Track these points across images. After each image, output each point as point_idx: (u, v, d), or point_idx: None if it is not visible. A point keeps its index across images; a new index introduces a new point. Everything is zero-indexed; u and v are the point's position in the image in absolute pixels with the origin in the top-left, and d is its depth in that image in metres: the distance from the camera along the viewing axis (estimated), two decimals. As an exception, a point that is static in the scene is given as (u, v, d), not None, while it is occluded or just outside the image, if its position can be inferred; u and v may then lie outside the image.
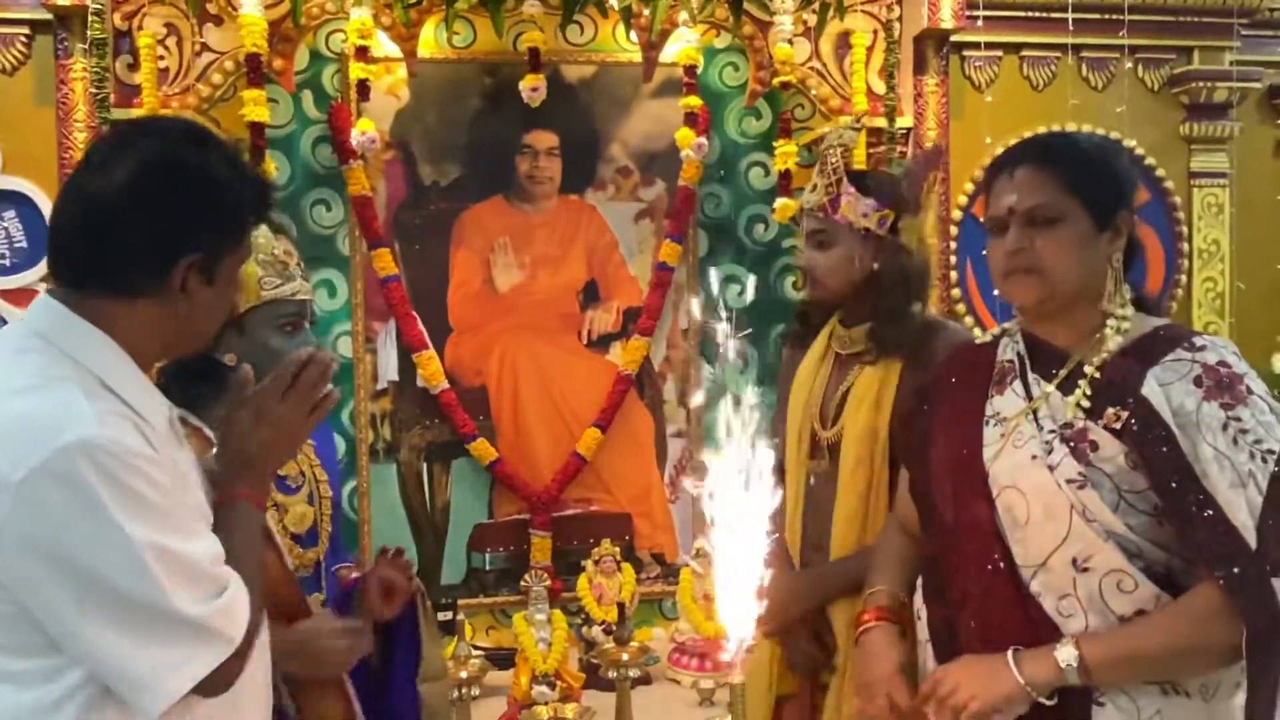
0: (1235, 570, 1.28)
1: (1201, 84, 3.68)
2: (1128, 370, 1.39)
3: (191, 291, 1.17)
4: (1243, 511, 1.28)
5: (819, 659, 1.98)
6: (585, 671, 3.23)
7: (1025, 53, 3.67)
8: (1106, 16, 3.60)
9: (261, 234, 1.84)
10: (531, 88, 3.30)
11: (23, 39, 3.11)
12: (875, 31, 3.53)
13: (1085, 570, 1.38)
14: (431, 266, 3.63)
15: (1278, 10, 3.77)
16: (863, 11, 3.50)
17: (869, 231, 1.96)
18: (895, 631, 1.58)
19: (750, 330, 3.74)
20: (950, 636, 1.51)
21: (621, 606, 2.98)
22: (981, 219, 1.61)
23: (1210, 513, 1.30)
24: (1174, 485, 1.32)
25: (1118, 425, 1.38)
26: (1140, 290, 1.51)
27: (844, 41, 3.54)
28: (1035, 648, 1.40)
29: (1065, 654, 1.36)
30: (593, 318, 3.75)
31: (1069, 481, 1.38)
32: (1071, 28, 3.50)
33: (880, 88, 3.50)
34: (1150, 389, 1.36)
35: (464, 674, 2.72)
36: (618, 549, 3.47)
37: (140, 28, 3.12)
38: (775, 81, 3.42)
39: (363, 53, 3.12)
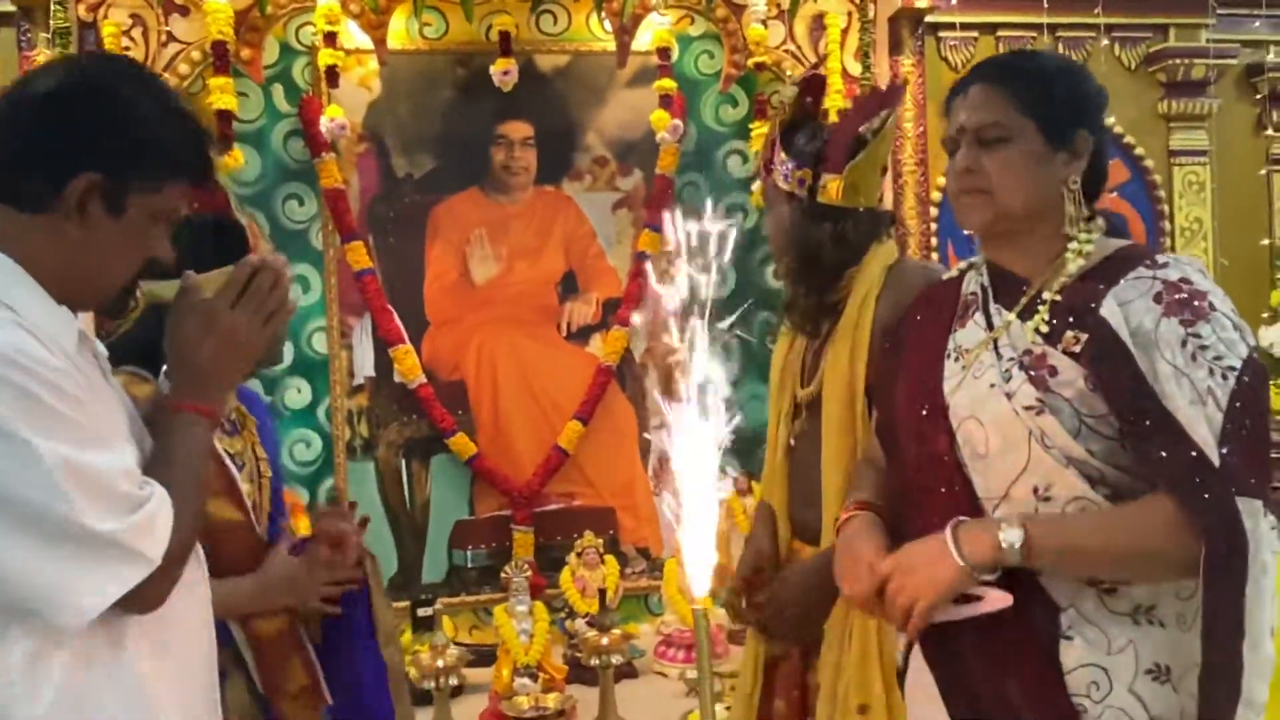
0: (1195, 489, 1.23)
1: (1178, 61, 3.67)
2: (1088, 292, 1.35)
3: (91, 218, 1.11)
4: (1202, 427, 1.23)
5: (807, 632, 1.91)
6: (569, 666, 3.16)
7: (1001, 33, 3.66)
8: (1081, -5, 3.59)
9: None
10: (503, 71, 3.27)
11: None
12: (850, 13, 3.52)
13: (1047, 499, 1.33)
14: (407, 260, 3.58)
15: (1253, -12, 3.77)
16: (835, -7, 3.49)
17: (793, 195, 1.87)
18: (875, 519, 1.53)
19: (733, 322, 3.69)
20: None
21: (602, 593, 2.92)
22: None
23: (1169, 431, 1.24)
24: (1132, 405, 1.27)
25: (1076, 348, 1.33)
26: (1112, 220, 1.46)
27: (818, 24, 3.52)
28: (977, 520, 1.35)
29: (1010, 535, 1.30)
30: (572, 309, 3.70)
31: (1027, 408, 1.33)
32: (1047, 6, 3.49)
33: (856, 69, 3.47)
34: (1109, 309, 1.31)
35: (440, 663, 2.65)
36: (600, 541, 3.41)
37: (105, 18, 3.08)
38: (750, 63, 3.39)
39: (331, 39, 3.09)
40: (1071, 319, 1.35)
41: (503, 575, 3.16)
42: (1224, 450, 1.22)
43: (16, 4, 2.96)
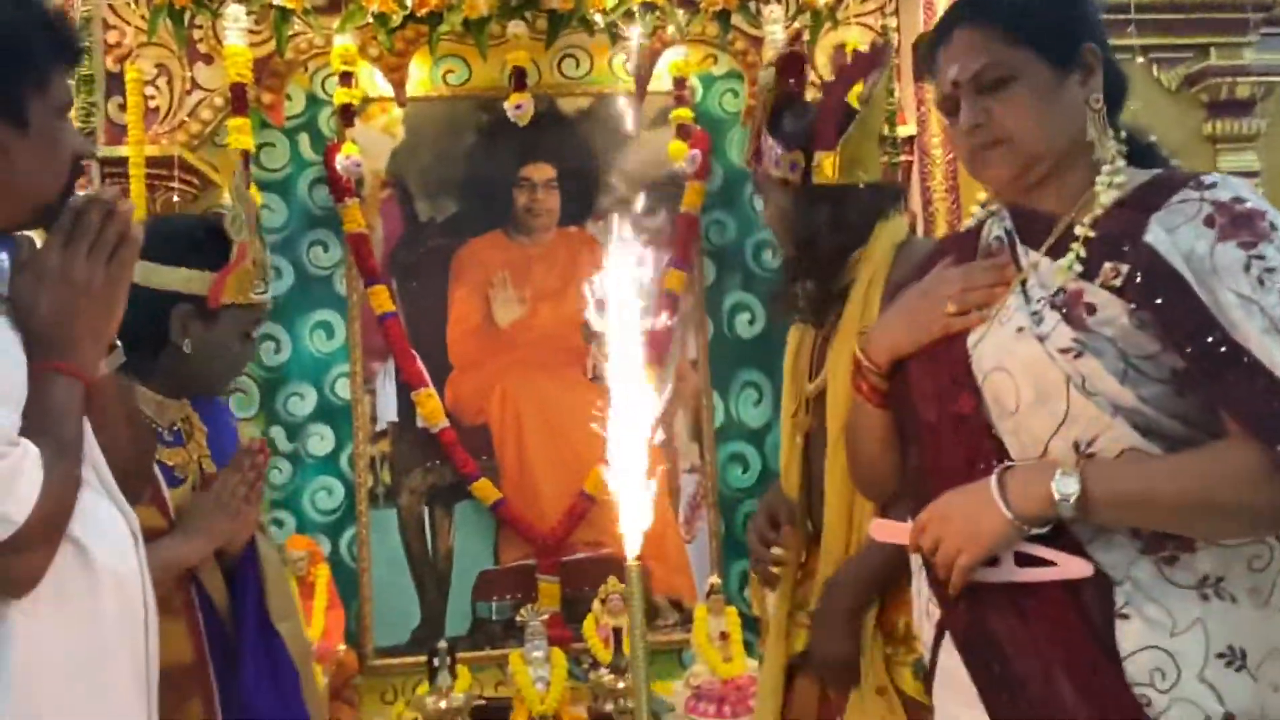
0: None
1: (1221, 80, 3.53)
2: (1127, 222, 1.20)
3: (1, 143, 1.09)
4: None
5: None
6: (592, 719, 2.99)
7: (1030, 58, 3.56)
8: (1114, 16, 3.49)
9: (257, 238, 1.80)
10: (515, 105, 3.27)
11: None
12: (872, 41, 3.45)
13: (1091, 455, 1.17)
14: (430, 304, 3.55)
15: (1297, 6, 3.63)
16: (857, 23, 3.44)
17: (787, 181, 1.77)
18: None
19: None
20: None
21: (617, 633, 2.76)
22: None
23: (1242, 366, 1.09)
24: (1195, 341, 1.12)
25: (1117, 281, 1.17)
26: (1139, 137, 1.32)
27: (840, 53, 3.45)
28: (1028, 464, 1.20)
29: (1065, 485, 1.14)
30: (597, 351, 3.62)
31: (1063, 351, 1.18)
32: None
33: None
34: (1155, 235, 1.16)
35: (443, 704, 2.51)
36: (625, 587, 3.26)
37: (133, 63, 3.15)
38: (770, 93, 3.34)
39: (346, 79, 3.12)
40: (1109, 251, 1.20)
41: (518, 619, 3.02)
42: None
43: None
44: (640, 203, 3.61)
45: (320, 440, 3.49)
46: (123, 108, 3.14)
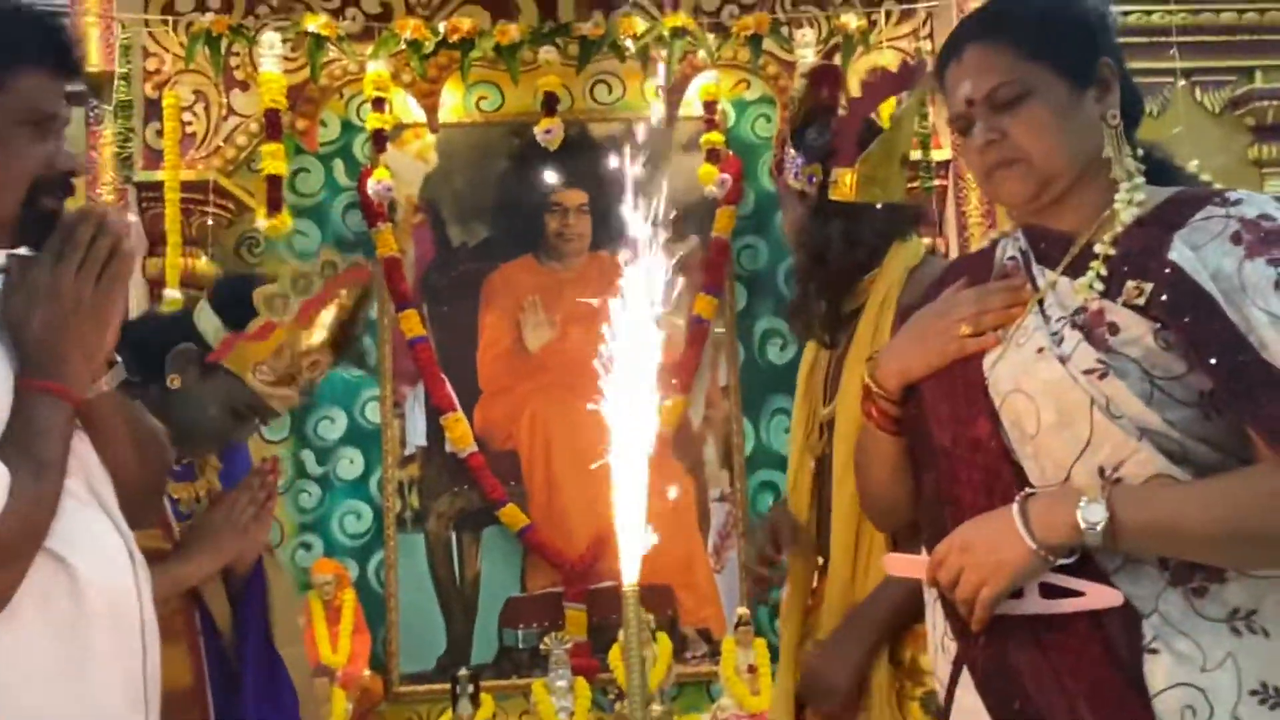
0: None
1: (1268, 103, 3.45)
2: (1149, 239, 1.16)
3: None
4: None
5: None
6: (617, 752, 2.95)
7: (1069, 81, 3.50)
8: (1154, 40, 3.43)
9: (309, 333, 1.72)
10: (545, 130, 3.27)
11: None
12: (902, 61, 3.42)
13: (1118, 481, 1.12)
14: (461, 328, 3.55)
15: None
16: (891, 47, 3.41)
17: (804, 193, 1.73)
18: None
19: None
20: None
21: (641, 662, 2.70)
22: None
23: (1275, 386, 1.05)
24: (1224, 360, 1.07)
25: (1141, 300, 1.13)
26: (1154, 153, 1.27)
27: (871, 73, 3.43)
28: (1051, 491, 1.15)
29: (1092, 512, 1.09)
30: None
31: (1087, 372, 1.13)
32: (1116, 51, 3.33)
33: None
34: (1179, 253, 1.12)
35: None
36: (652, 617, 3.20)
37: (171, 89, 3.21)
38: (802, 118, 3.31)
39: (379, 105, 3.14)
40: (1131, 269, 1.16)
41: (542, 648, 2.98)
42: None
43: (87, 82, 3.10)
44: (671, 228, 3.59)
45: (350, 464, 3.49)
46: (160, 133, 3.20)
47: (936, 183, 3.32)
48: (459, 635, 3.45)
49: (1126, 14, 3.43)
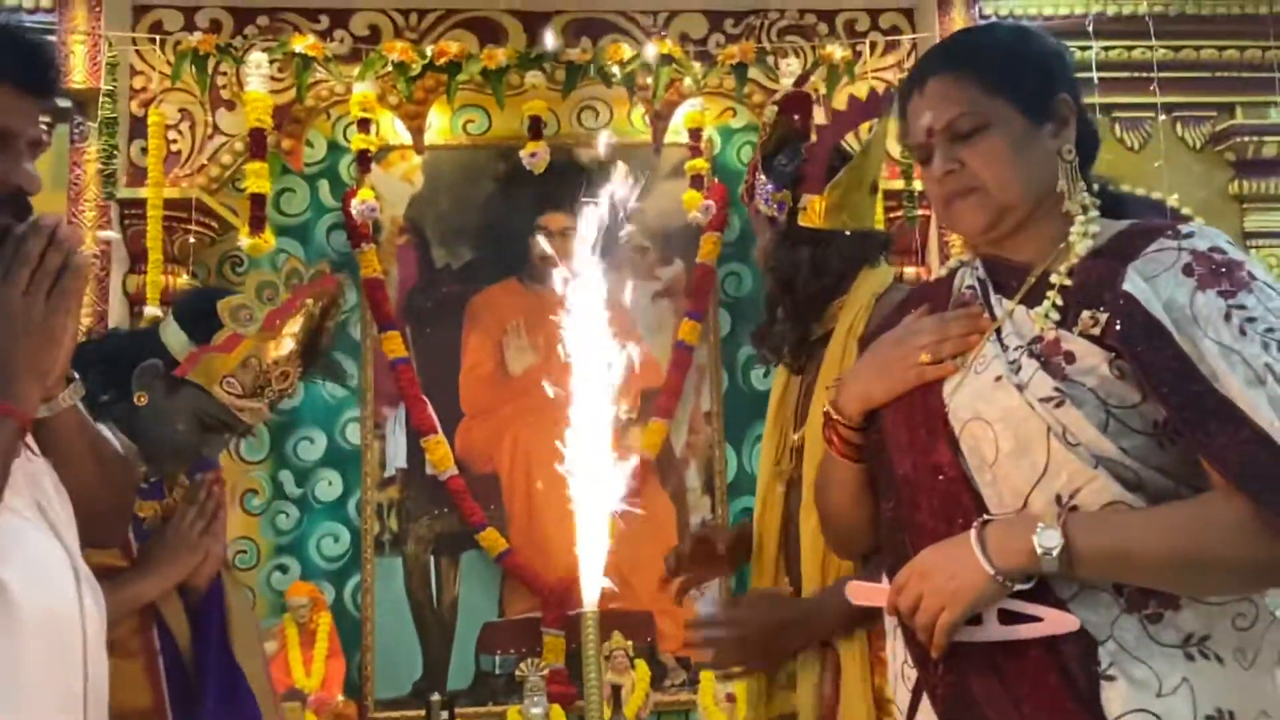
0: (1270, 480, 1.04)
1: (1248, 139, 3.48)
2: (1103, 271, 1.18)
3: None
4: (1265, 409, 1.05)
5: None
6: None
7: (1051, 114, 3.53)
8: (1136, 75, 3.47)
9: (277, 343, 1.69)
10: (531, 153, 3.27)
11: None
12: (870, 89, 3.44)
13: (1074, 509, 1.13)
14: (443, 350, 3.55)
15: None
16: (875, 78, 3.43)
17: (774, 219, 1.73)
18: None
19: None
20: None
21: (617, 691, 2.69)
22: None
23: (1227, 418, 1.06)
24: (1177, 390, 1.08)
25: (1096, 330, 1.14)
26: (1108, 187, 1.29)
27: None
28: (1009, 518, 1.15)
29: (1047, 538, 1.09)
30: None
31: (1044, 400, 1.14)
32: (1098, 85, 3.36)
33: (896, 150, 3.38)
34: (1134, 284, 1.13)
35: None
36: (631, 644, 3.18)
37: (157, 107, 3.21)
38: (786, 145, 3.33)
39: (364, 125, 3.15)
40: (1086, 299, 1.17)
41: (517, 674, 2.96)
42: None
43: (72, 99, 3.10)
44: (656, 253, 3.60)
45: (329, 485, 3.47)
46: (145, 150, 3.19)
47: (920, 212, 3.34)
48: (435, 660, 3.42)
49: (1109, 49, 3.47)
